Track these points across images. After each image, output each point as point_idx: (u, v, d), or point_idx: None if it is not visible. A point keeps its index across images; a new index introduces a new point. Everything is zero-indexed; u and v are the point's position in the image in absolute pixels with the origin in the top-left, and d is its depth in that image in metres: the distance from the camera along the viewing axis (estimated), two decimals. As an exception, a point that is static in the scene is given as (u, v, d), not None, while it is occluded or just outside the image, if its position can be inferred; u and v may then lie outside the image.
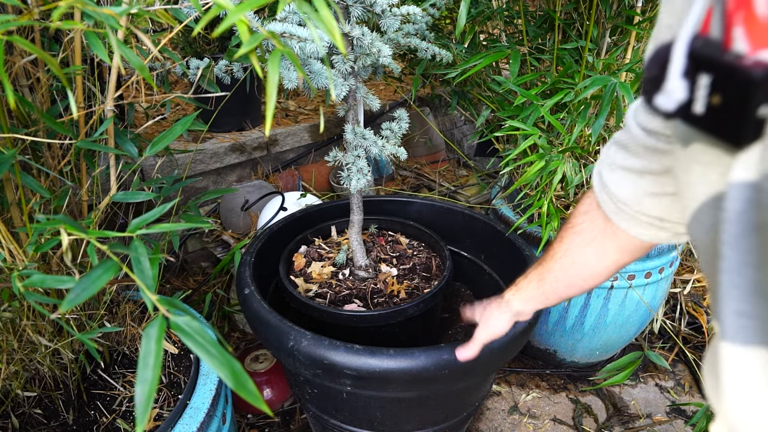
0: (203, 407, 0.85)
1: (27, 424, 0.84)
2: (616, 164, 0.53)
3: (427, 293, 1.05)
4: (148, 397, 0.31)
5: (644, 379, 1.66)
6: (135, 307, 0.99)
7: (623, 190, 0.53)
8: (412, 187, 2.28)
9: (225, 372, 0.32)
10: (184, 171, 1.47)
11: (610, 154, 0.55)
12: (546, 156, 1.20)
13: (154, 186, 0.95)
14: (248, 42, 0.35)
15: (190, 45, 1.91)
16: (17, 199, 0.75)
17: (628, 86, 1.05)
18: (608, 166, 0.55)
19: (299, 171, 2.14)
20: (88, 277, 0.38)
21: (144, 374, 0.32)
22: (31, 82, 0.78)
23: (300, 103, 2.47)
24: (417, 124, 2.42)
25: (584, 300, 1.44)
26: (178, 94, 0.93)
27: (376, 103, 1.02)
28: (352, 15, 0.94)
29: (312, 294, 1.12)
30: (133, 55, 0.45)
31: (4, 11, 0.70)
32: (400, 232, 1.35)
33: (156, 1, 0.78)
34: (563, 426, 1.46)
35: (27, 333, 0.80)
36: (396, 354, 0.82)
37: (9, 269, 0.73)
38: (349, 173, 1.03)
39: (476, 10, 1.43)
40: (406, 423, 1.01)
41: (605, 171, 0.55)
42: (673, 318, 1.87)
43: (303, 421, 1.43)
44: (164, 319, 0.35)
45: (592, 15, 1.25)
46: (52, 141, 0.76)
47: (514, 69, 1.23)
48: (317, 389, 1.00)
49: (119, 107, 1.12)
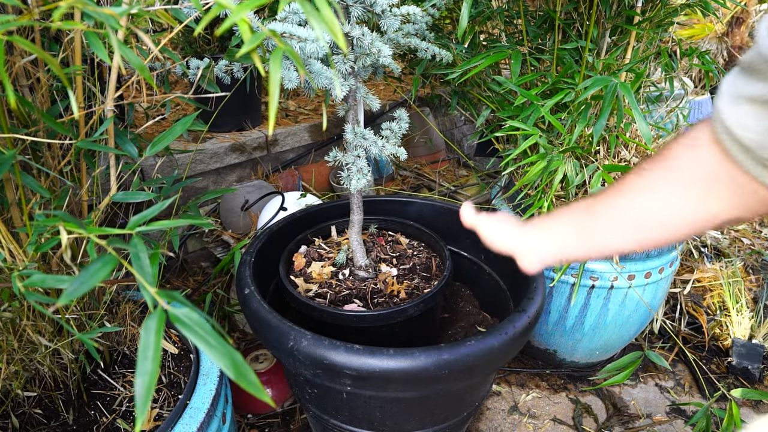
0: (203, 407, 0.85)
1: (27, 424, 0.84)
2: (739, 95, 0.43)
3: (427, 293, 1.05)
4: (148, 389, 0.31)
5: (644, 379, 1.66)
6: (135, 306, 0.99)
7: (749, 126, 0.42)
8: (412, 187, 2.28)
9: (225, 362, 0.32)
10: (184, 171, 1.47)
11: (732, 83, 0.44)
12: (547, 156, 1.20)
13: (154, 186, 0.95)
14: (250, 41, 0.34)
15: (190, 45, 1.91)
16: (17, 199, 0.75)
17: (629, 86, 1.05)
18: (730, 98, 0.44)
19: (299, 171, 2.14)
20: (87, 270, 0.38)
21: (143, 366, 0.32)
22: (31, 82, 0.78)
23: (300, 103, 2.47)
24: (417, 124, 2.42)
25: (584, 300, 1.44)
26: (178, 95, 0.93)
27: (376, 103, 1.02)
28: (352, 15, 0.94)
29: (312, 294, 1.12)
30: (133, 56, 0.45)
31: (5, 11, 0.70)
32: (400, 232, 1.35)
33: (156, 1, 0.78)
34: (563, 426, 1.46)
35: (27, 333, 0.80)
36: (396, 354, 0.82)
37: (9, 269, 0.73)
38: (349, 173, 1.03)
39: (476, 10, 1.43)
40: (406, 423, 1.01)
41: (725, 105, 0.45)
42: (673, 318, 1.87)
43: (303, 421, 1.43)
44: (163, 311, 0.35)
45: (592, 15, 1.25)
46: (52, 141, 0.76)
47: (515, 69, 1.23)
48: (317, 389, 1.00)
49: (119, 107, 1.12)
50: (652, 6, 1.34)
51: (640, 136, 1.32)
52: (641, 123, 1.06)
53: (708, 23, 3.67)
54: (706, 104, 3.43)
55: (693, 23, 3.67)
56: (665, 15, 1.34)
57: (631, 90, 1.09)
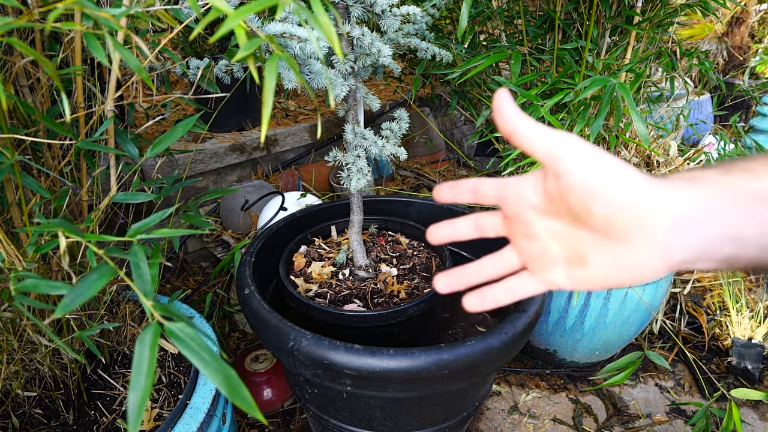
0: (203, 407, 0.85)
1: (27, 424, 0.84)
2: None
3: (427, 293, 1.05)
4: (140, 404, 0.31)
5: (644, 379, 1.66)
6: (135, 306, 0.99)
7: None
8: (412, 187, 2.28)
9: (219, 379, 0.32)
10: (184, 171, 1.47)
11: None
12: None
13: (154, 186, 0.95)
14: (245, 47, 0.34)
15: (190, 45, 1.91)
16: (17, 199, 0.75)
17: (627, 87, 1.05)
18: None
19: (299, 171, 2.14)
20: (83, 282, 0.38)
21: (137, 381, 0.32)
22: (31, 82, 0.78)
23: (300, 103, 2.47)
24: (417, 124, 2.42)
25: (584, 300, 1.44)
26: (178, 95, 0.93)
27: (376, 103, 1.02)
28: (352, 15, 0.94)
29: (312, 294, 1.12)
30: (131, 57, 0.45)
31: (4, 12, 0.70)
32: (400, 232, 1.35)
33: (156, 2, 0.78)
34: (563, 426, 1.46)
35: (27, 333, 0.81)
36: (396, 354, 0.82)
37: (9, 269, 0.73)
38: (349, 173, 1.03)
39: (476, 10, 1.43)
40: (406, 423, 1.01)
41: None
42: (673, 318, 1.87)
43: (303, 421, 1.43)
44: (158, 325, 0.35)
45: (592, 15, 1.25)
46: (53, 141, 0.76)
47: (515, 69, 1.23)
48: (317, 389, 1.00)
49: (119, 107, 1.12)
50: (652, 6, 1.34)
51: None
52: (639, 123, 1.06)
53: (708, 23, 3.67)
54: (706, 104, 3.43)
55: (693, 23, 3.67)
56: (665, 15, 1.34)
57: (630, 90, 1.09)
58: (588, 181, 0.33)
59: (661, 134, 1.60)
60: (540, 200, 0.37)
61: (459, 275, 0.43)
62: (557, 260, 0.38)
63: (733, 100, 3.43)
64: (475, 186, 0.41)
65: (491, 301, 0.42)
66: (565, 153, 0.34)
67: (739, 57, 3.75)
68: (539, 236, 0.38)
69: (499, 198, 0.40)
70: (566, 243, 0.37)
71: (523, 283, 0.41)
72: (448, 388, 0.94)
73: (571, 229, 0.36)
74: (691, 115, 3.27)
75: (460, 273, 0.43)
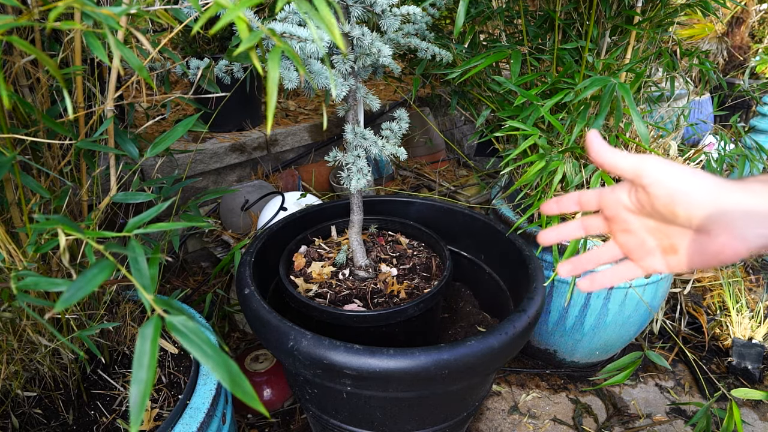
0: (203, 407, 0.85)
1: (27, 424, 0.84)
2: None
3: (427, 293, 1.05)
4: (142, 398, 0.31)
5: (644, 379, 1.66)
6: (135, 306, 0.99)
7: None
8: (412, 187, 2.28)
9: (221, 372, 0.32)
10: (184, 171, 1.47)
11: None
12: (546, 156, 1.20)
13: (154, 186, 0.95)
14: (247, 39, 0.34)
15: (190, 45, 1.91)
16: (17, 199, 0.75)
17: (627, 87, 1.05)
18: None
19: (299, 171, 2.14)
20: (83, 276, 0.38)
21: (139, 374, 0.32)
22: (31, 82, 0.78)
23: (300, 103, 2.47)
24: (417, 124, 2.42)
25: (584, 300, 1.44)
26: (178, 95, 0.93)
27: (376, 103, 1.02)
28: (352, 15, 0.94)
29: (312, 294, 1.12)
30: (132, 56, 0.45)
31: (4, 11, 0.70)
32: (400, 232, 1.35)
33: (156, 1, 0.78)
34: (563, 426, 1.46)
35: (27, 333, 0.81)
36: (396, 354, 0.82)
37: (9, 269, 0.73)
38: (349, 173, 1.03)
39: (476, 10, 1.43)
40: (406, 423, 1.01)
41: None
42: (673, 318, 1.87)
43: (303, 421, 1.43)
44: (159, 318, 0.35)
45: (592, 15, 1.25)
46: (52, 141, 0.76)
47: (515, 69, 1.23)
48: (317, 389, 1.00)
49: (119, 107, 1.12)
50: (652, 6, 1.34)
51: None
52: (639, 123, 1.06)
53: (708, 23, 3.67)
54: (707, 104, 3.43)
55: (693, 23, 3.67)
56: (665, 15, 1.34)
57: (631, 90, 1.09)
58: (669, 191, 0.42)
59: (661, 134, 1.60)
60: (633, 204, 0.46)
61: (577, 263, 0.53)
62: (654, 250, 0.47)
63: (733, 100, 3.43)
64: (578, 198, 0.51)
65: (599, 284, 0.52)
66: (647, 170, 0.43)
67: (739, 57, 3.75)
68: (636, 231, 0.47)
69: (599, 204, 0.50)
70: (659, 236, 0.46)
71: (627, 269, 0.50)
72: (448, 388, 0.94)
73: (661, 226, 0.45)
74: (691, 115, 3.27)
75: (577, 261, 0.53)
